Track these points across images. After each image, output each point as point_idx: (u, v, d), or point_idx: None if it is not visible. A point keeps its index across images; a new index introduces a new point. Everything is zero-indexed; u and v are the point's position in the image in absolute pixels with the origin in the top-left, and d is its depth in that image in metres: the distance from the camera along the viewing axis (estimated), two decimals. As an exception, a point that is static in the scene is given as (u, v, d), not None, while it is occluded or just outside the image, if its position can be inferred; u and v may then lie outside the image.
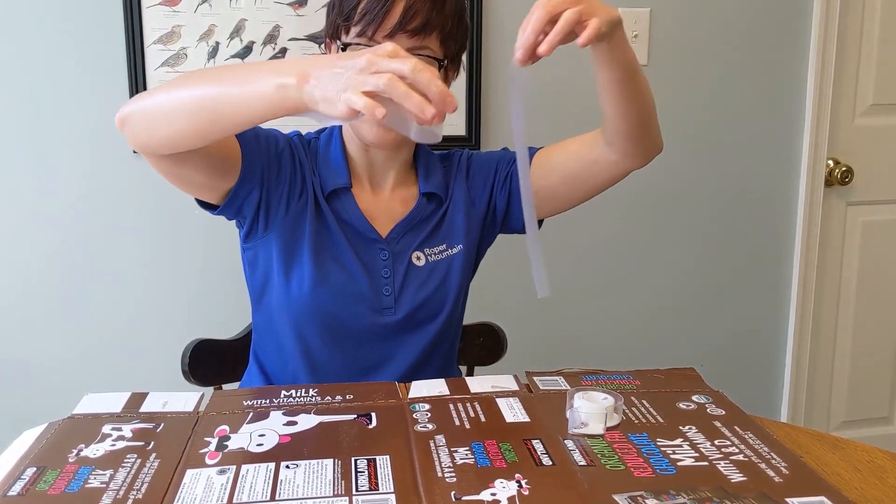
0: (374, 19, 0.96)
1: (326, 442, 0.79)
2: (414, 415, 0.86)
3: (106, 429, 0.83)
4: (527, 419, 0.85)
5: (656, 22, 1.89)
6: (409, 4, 0.96)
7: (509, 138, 1.01)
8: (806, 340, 2.15)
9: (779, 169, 2.05)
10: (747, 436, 0.81)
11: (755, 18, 1.95)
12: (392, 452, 0.76)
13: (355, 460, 0.75)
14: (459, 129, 1.81)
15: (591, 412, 0.82)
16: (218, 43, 1.69)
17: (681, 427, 0.83)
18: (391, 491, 0.69)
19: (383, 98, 0.72)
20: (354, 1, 0.98)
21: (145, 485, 0.71)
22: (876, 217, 2.16)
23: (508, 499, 0.68)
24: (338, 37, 1.01)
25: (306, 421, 0.84)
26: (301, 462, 0.75)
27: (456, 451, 0.76)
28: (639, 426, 0.83)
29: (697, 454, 0.77)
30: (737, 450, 0.78)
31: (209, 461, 0.75)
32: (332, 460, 0.75)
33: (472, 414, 0.85)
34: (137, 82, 1.66)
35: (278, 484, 0.71)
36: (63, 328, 1.76)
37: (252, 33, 1.70)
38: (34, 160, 1.68)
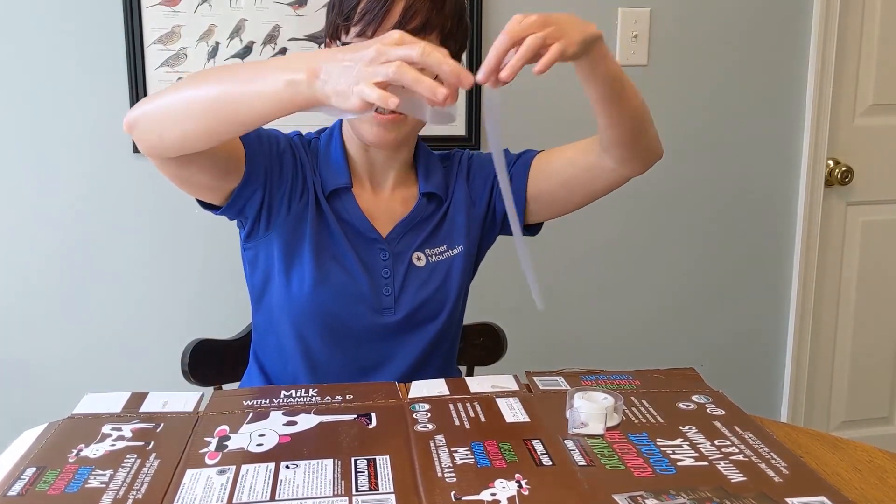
0: (374, 19, 0.96)
1: (326, 442, 0.79)
2: (414, 415, 0.85)
3: (106, 429, 0.83)
4: (527, 419, 0.84)
5: (656, 22, 1.89)
6: (409, 4, 0.96)
7: (509, 139, 1.01)
8: (806, 340, 2.15)
9: (779, 169, 2.05)
10: (747, 436, 0.81)
11: (755, 18, 1.95)
12: (392, 452, 0.76)
13: (355, 460, 0.75)
14: (459, 129, 1.81)
15: (591, 412, 0.82)
16: (218, 43, 1.69)
17: (681, 427, 0.83)
18: (391, 491, 0.69)
19: (395, 86, 0.72)
20: (354, 1, 0.98)
21: (145, 485, 0.71)
22: (876, 217, 2.16)
23: (508, 499, 0.68)
24: (338, 37, 1.01)
25: (306, 421, 0.84)
26: (301, 462, 0.75)
27: (456, 451, 0.76)
28: (639, 426, 0.83)
29: (697, 454, 0.77)
30: (737, 450, 0.78)
31: (209, 461, 0.75)
32: (332, 460, 0.75)
33: (472, 414, 0.85)
34: (137, 82, 1.66)
35: (278, 484, 0.70)
36: (63, 328, 1.76)
37: (252, 33, 1.70)
38: (34, 160, 1.68)
